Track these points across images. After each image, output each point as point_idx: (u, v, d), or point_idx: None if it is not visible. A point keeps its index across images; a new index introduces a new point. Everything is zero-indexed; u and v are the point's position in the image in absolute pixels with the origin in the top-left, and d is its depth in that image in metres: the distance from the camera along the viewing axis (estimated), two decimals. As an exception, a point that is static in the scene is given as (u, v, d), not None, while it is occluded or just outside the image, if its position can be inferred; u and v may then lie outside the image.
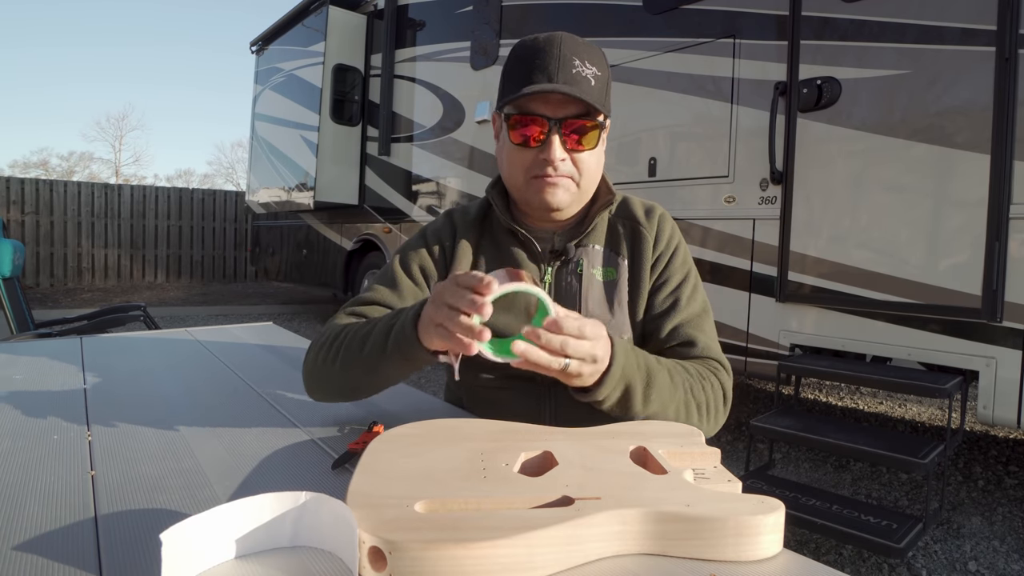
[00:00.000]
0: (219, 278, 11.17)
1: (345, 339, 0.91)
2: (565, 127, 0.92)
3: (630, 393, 0.83)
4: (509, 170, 0.99)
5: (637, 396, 0.84)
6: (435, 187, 4.84)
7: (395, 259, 1.07)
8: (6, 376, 1.23)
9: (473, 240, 1.06)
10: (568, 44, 0.92)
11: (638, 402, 0.84)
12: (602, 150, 1.00)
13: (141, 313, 3.52)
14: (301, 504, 0.56)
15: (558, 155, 0.92)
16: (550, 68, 0.90)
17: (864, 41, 2.37)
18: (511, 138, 0.95)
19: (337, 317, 1.00)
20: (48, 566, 0.54)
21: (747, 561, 0.56)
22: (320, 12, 5.54)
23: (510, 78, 0.95)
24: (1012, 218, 2.03)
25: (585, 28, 3.44)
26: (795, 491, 2.26)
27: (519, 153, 0.95)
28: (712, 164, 2.86)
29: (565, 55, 0.91)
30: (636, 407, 0.84)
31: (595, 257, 1.01)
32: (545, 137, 0.92)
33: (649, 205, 1.07)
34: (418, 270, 1.04)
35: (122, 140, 36.15)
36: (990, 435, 3.37)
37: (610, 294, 1.01)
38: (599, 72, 0.93)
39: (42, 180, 9.89)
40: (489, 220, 1.08)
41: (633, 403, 0.84)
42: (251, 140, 7.15)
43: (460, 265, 1.03)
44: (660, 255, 1.02)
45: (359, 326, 0.92)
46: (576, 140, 0.93)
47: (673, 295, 1.01)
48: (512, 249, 1.03)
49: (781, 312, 2.63)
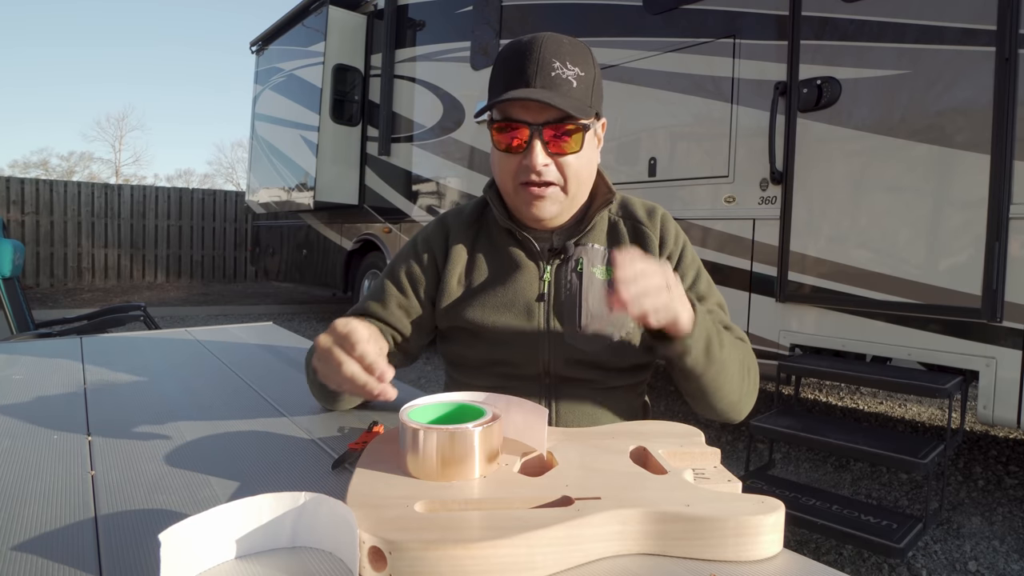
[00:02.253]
0: (219, 278, 11.17)
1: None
2: (546, 132, 0.91)
3: (710, 340, 0.86)
4: (499, 176, 0.99)
5: (715, 342, 0.87)
6: (435, 187, 4.84)
7: (387, 271, 1.09)
8: (6, 376, 1.23)
9: (468, 241, 1.05)
10: (549, 46, 0.91)
11: (716, 349, 0.87)
12: (592, 151, 0.98)
13: (141, 313, 3.52)
14: (300, 504, 0.56)
15: (540, 161, 0.91)
16: (528, 72, 0.89)
17: (864, 41, 2.37)
18: (496, 144, 0.95)
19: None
20: (48, 566, 0.54)
21: (747, 561, 0.56)
22: (320, 12, 5.54)
23: (494, 82, 0.95)
24: (1012, 218, 2.03)
25: (585, 28, 3.45)
26: (795, 491, 2.26)
27: (505, 159, 0.95)
28: (712, 164, 2.86)
29: (544, 58, 0.90)
30: (716, 353, 0.87)
31: (595, 256, 1.01)
32: (527, 143, 0.91)
33: (650, 206, 1.07)
34: (406, 281, 1.05)
35: (122, 140, 36.16)
36: (990, 435, 3.37)
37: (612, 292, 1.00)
38: (582, 72, 0.92)
39: (42, 180, 9.89)
40: (486, 219, 1.08)
41: (712, 349, 0.87)
42: (251, 140, 7.15)
43: (454, 267, 1.03)
44: (670, 256, 1.02)
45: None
46: (559, 145, 0.92)
47: (692, 291, 1.01)
48: (510, 249, 1.03)
49: (781, 312, 2.63)
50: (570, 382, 0.99)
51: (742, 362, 0.94)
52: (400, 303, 1.04)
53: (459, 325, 1.02)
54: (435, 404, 0.72)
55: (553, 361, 0.98)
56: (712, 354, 0.87)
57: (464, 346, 1.03)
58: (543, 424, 0.69)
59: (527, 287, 1.00)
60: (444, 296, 1.03)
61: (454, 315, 1.02)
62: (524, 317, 0.99)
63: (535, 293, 1.00)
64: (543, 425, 0.69)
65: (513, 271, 1.01)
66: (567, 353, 0.98)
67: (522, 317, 0.99)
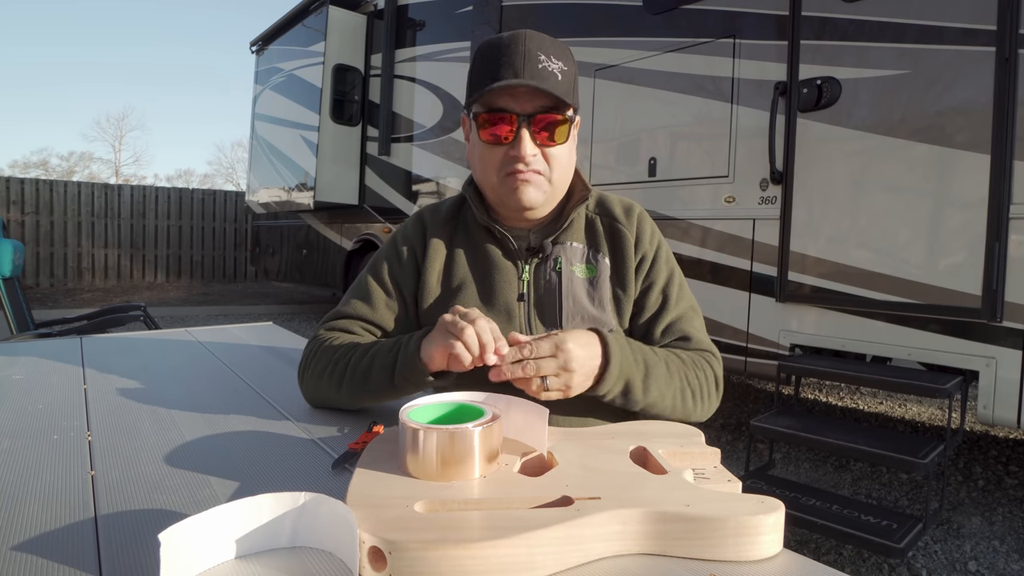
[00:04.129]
0: (219, 278, 11.17)
1: (346, 371, 0.96)
2: (535, 122, 0.91)
3: (630, 387, 0.88)
4: (481, 170, 0.98)
5: (637, 388, 0.89)
6: (435, 187, 4.84)
7: (367, 269, 1.08)
8: (6, 376, 1.23)
9: (446, 237, 1.05)
10: (533, 40, 0.92)
11: (638, 393, 0.89)
12: (573, 145, 0.99)
13: (141, 313, 3.52)
14: (300, 505, 0.56)
15: (528, 150, 0.92)
16: (516, 64, 0.90)
17: (864, 41, 2.37)
18: (481, 137, 0.94)
19: (319, 334, 1.04)
20: (48, 566, 0.54)
21: (747, 561, 0.56)
22: (320, 12, 5.54)
23: (477, 77, 0.94)
24: (1012, 218, 2.03)
25: (585, 28, 3.45)
26: (795, 491, 2.26)
27: (490, 151, 0.95)
28: (712, 164, 2.86)
29: (530, 50, 0.90)
30: (636, 397, 0.89)
31: (574, 254, 1.01)
32: (515, 133, 0.92)
33: (627, 203, 1.07)
34: (388, 279, 1.05)
35: (122, 140, 36.16)
36: (990, 435, 3.37)
37: (592, 291, 1.00)
38: (565, 67, 0.93)
39: (42, 180, 9.89)
40: (463, 216, 1.07)
41: (633, 394, 0.89)
42: (251, 140, 7.15)
43: (433, 264, 1.03)
44: (644, 256, 1.02)
45: (355, 357, 0.96)
46: (547, 135, 0.92)
47: (662, 294, 1.02)
48: (487, 247, 1.02)
49: (781, 312, 2.63)
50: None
51: (681, 390, 0.94)
52: (383, 303, 1.04)
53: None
54: (435, 404, 0.72)
55: None
56: (632, 397, 0.89)
57: None
58: (543, 424, 0.69)
59: (507, 287, 0.99)
60: (425, 294, 1.02)
61: (434, 315, 1.01)
62: (505, 317, 0.98)
63: (515, 293, 0.99)
64: (543, 425, 0.69)
65: (492, 271, 1.01)
66: None
67: (503, 317, 0.98)
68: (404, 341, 0.93)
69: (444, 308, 1.00)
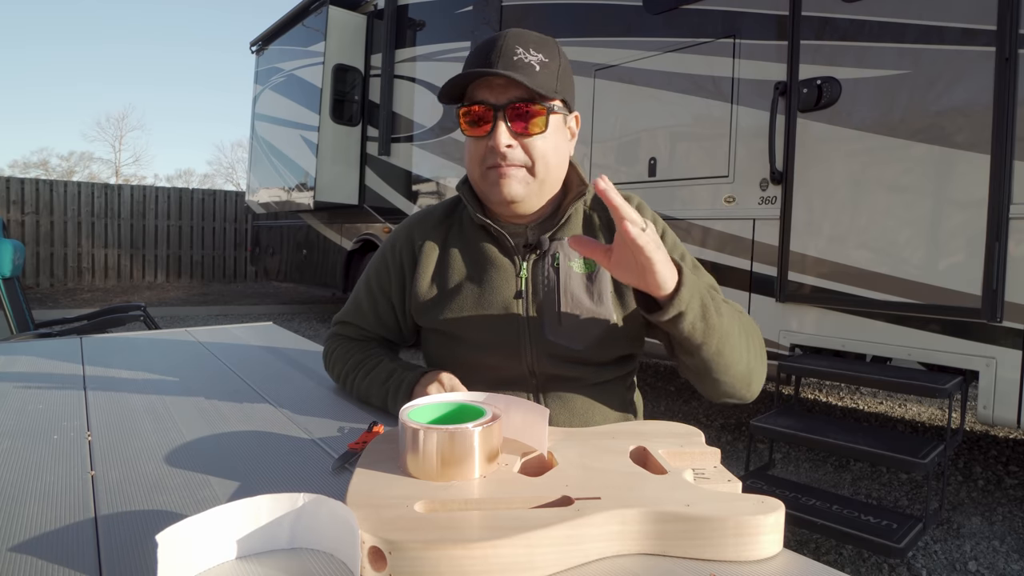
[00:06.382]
0: (219, 278, 11.17)
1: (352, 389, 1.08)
2: (509, 112, 0.92)
3: (706, 306, 0.82)
4: (468, 165, 1.00)
5: (710, 308, 0.82)
6: (435, 187, 4.84)
7: (361, 278, 1.14)
8: (6, 376, 1.23)
9: (439, 238, 1.05)
10: (513, 36, 0.94)
11: (713, 314, 0.82)
12: (561, 137, 0.98)
13: (141, 313, 3.52)
14: (299, 506, 0.56)
15: (503, 141, 0.92)
16: (491, 58, 0.91)
17: (864, 41, 2.37)
18: (463, 129, 0.96)
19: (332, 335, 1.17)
20: (48, 566, 0.54)
21: (747, 561, 0.56)
22: (320, 12, 5.54)
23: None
24: (1012, 218, 2.03)
25: (585, 28, 3.45)
26: (795, 491, 2.26)
27: (473, 145, 0.96)
28: (712, 164, 2.86)
29: (508, 45, 0.92)
30: (712, 319, 0.82)
31: (572, 249, 1.00)
32: (492, 124, 0.92)
33: (625, 195, 1.05)
34: (377, 290, 1.10)
35: (122, 140, 36.19)
36: (990, 435, 3.37)
37: (591, 285, 0.98)
38: (546, 59, 0.93)
39: (42, 180, 9.89)
40: (458, 216, 1.08)
41: (709, 314, 0.82)
42: (251, 140, 7.15)
43: (424, 267, 1.04)
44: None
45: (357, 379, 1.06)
46: (523, 125, 0.93)
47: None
48: (484, 245, 1.02)
49: (781, 312, 2.63)
50: (557, 380, 0.98)
51: (743, 328, 0.90)
52: (379, 313, 1.09)
53: (437, 327, 1.02)
54: (435, 404, 0.72)
55: (537, 359, 0.97)
56: (710, 319, 0.82)
57: (445, 349, 1.03)
58: (543, 424, 0.69)
59: (504, 284, 0.99)
60: (418, 298, 1.03)
61: (431, 317, 1.02)
62: (502, 315, 0.98)
63: (512, 290, 0.99)
64: (543, 425, 0.69)
65: (489, 268, 1.00)
66: (550, 350, 0.96)
67: (500, 315, 0.98)
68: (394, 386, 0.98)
69: (441, 308, 1.00)
